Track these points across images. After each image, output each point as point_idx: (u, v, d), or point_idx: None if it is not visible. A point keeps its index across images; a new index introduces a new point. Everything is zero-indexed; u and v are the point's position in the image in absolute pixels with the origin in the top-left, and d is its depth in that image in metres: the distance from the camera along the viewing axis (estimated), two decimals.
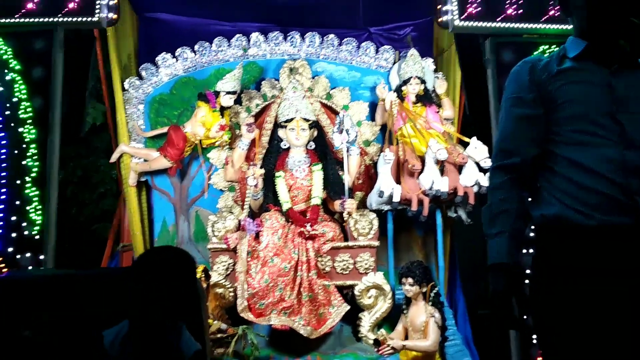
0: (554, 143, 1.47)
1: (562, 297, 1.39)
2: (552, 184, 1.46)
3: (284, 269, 3.22)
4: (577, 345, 1.35)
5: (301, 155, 3.63)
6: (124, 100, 3.84)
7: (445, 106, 3.77)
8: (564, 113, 1.45)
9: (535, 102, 1.49)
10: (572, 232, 1.40)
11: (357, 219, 3.42)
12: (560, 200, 1.42)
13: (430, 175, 3.40)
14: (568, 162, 1.44)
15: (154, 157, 3.75)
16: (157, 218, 3.85)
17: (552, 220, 1.43)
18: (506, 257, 1.44)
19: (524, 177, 1.50)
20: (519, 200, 1.49)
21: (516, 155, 1.50)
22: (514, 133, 1.51)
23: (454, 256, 3.79)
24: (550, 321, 1.40)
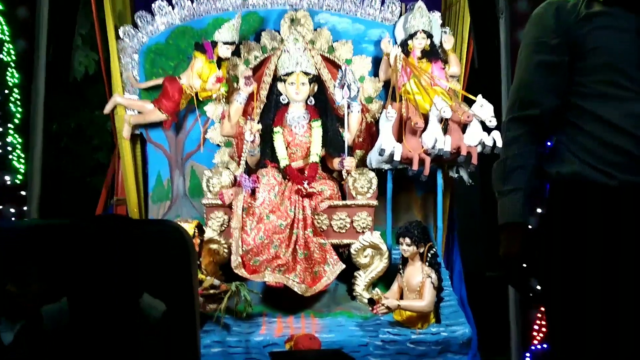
0: (577, 95, 1.37)
1: (578, 260, 1.32)
2: (572, 140, 1.37)
3: (279, 226, 3.21)
4: (593, 310, 1.28)
5: (301, 110, 3.57)
6: (119, 49, 3.74)
7: (452, 63, 3.67)
8: (590, 61, 1.35)
9: (559, 48, 1.38)
10: (590, 192, 1.32)
11: (356, 177, 3.39)
12: (579, 158, 1.35)
13: (433, 134, 3.35)
14: (591, 115, 1.34)
15: (148, 110, 3.69)
16: (151, 172, 3.81)
17: (569, 179, 1.35)
18: (521, 217, 1.38)
19: (542, 130, 1.41)
20: (536, 156, 1.41)
21: (535, 106, 1.40)
22: (534, 82, 1.41)
23: (452, 217, 3.78)
24: (564, 285, 1.33)
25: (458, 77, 3.72)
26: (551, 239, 1.39)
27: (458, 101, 3.50)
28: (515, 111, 1.44)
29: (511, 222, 1.39)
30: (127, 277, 1.53)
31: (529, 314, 3.21)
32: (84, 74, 4.31)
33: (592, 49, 1.35)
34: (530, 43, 1.43)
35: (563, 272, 1.35)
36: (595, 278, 1.30)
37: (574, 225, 1.35)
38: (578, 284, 1.33)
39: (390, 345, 3.04)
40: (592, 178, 1.32)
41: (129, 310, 1.51)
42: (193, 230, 3.09)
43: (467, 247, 3.83)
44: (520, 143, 1.41)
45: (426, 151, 3.36)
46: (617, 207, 1.30)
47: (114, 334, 1.49)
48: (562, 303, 1.34)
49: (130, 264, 1.54)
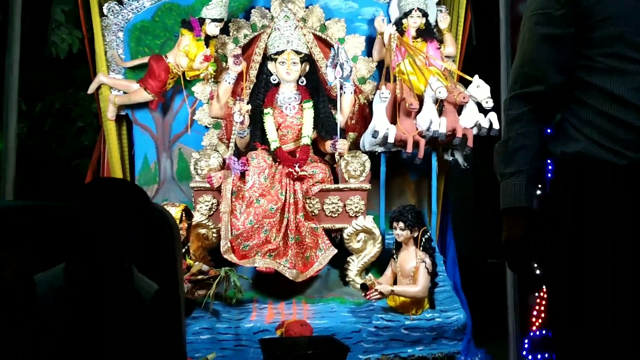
0: (584, 69, 1.30)
1: (584, 244, 1.26)
2: (579, 117, 1.30)
3: (270, 210, 3.17)
4: (599, 295, 1.22)
5: (292, 91, 3.51)
6: (103, 26, 3.65)
7: (447, 42, 3.62)
8: (598, 33, 1.27)
9: (565, 19, 1.31)
10: (597, 172, 1.25)
11: (348, 160, 3.34)
12: (586, 136, 1.28)
13: (428, 115, 3.30)
14: (599, 91, 1.27)
15: (134, 89, 3.61)
16: (138, 154, 3.75)
17: (574, 158, 1.29)
18: (524, 200, 1.33)
19: (546, 108, 1.34)
20: (540, 136, 1.34)
21: (540, 83, 1.34)
22: (538, 56, 1.34)
23: (447, 201, 3.76)
24: (570, 270, 1.27)
25: (454, 58, 3.67)
26: (556, 222, 1.33)
27: (454, 82, 3.45)
28: (518, 88, 1.37)
29: (513, 207, 1.34)
30: (108, 259, 1.47)
31: (527, 299, 3.19)
32: (68, 52, 4.21)
33: (601, 19, 1.27)
34: (533, 15, 1.35)
35: (568, 257, 1.30)
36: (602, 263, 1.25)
37: (580, 208, 1.29)
38: (584, 269, 1.28)
39: (383, 331, 3.03)
40: (599, 157, 1.26)
41: (120, 290, 1.47)
42: (180, 213, 3.04)
43: (461, 231, 3.81)
44: (523, 122, 1.35)
45: (421, 133, 3.32)
46: (626, 187, 1.24)
47: (105, 311, 1.45)
48: (567, 289, 1.29)
49: (112, 246, 1.49)
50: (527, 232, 1.32)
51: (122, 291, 1.49)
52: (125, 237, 1.48)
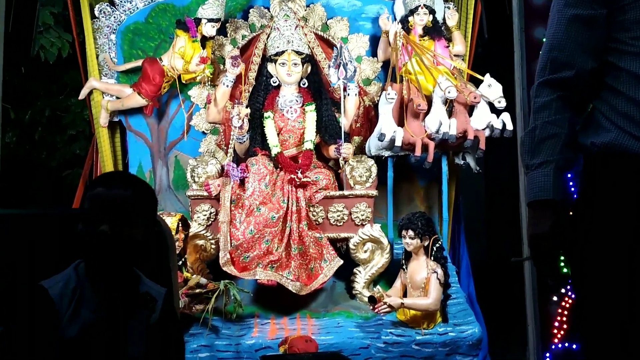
0: (617, 53, 1.26)
1: (617, 242, 1.21)
2: (610, 105, 1.26)
3: (271, 219, 3.13)
4: (635, 298, 1.17)
5: (293, 93, 3.48)
6: (94, 29, 3.63)
7: (456, 40, 3.59)
8: (631, 14, 1.23)
9: (596, 0, 1.27)
10: (630, 165, 1.21)
11: (353, 165, 3.30)
12: (618, 126, 1.24)
13: (437, 117, 3.26)
14: (630, 77, 1.23)
15: (127, 94, 3.59)
16: (132, 163, 3.73)
17: (605, 150, 1.25)
18: (552, 193, 1.29)
19: (576, 95, 1.30)
20: (569, 124, 1.30)
21: (569, 68, 1.30)
22: (568, 40, 1.30)
23: (458, 208, 3.72)
24: (602, 270, 1.22)
25: (463, 56, 3.63)
26: (586, 218, 1.29)
27: (464, 81, 3.42)
28: (547, 74, 1.34)
29: (540, 200, 1.30)
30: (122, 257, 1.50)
31: (548, 309, 3.12)
32: (57, 56, 4.18)
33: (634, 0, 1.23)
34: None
35: (600, 256, 1.25)
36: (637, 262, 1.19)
37: (612, 203, 1.25)
38: (618, 269, 1.22)
39: (393, 347, 2.97)
40: (632, 149, 1.22)
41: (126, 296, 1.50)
42: (176, 224, 3.01)
43: (474, 239, 3.81)
44: (551, 109, 1.32)
45: (430, 136, 3.29)
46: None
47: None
48: (599, 291, 1.23)
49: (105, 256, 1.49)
50: (553, 228, 1.29)
51: (135, 292, 1.51)
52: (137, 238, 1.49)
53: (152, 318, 1.51)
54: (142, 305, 1.50)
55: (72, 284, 1.49)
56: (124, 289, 1.50)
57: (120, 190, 1.49)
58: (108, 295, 1.48)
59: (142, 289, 1.53)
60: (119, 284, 1.50)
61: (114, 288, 1.49)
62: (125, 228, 1.46)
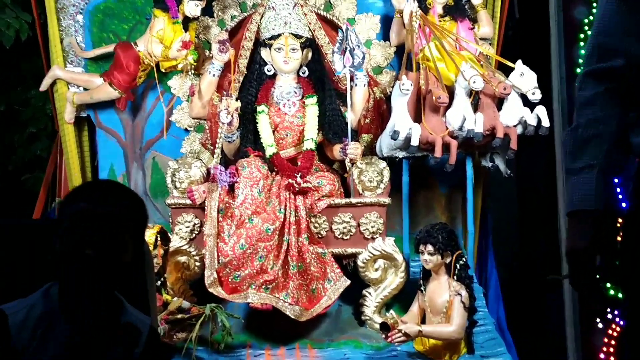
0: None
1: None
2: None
3: (266, 231, 3.14)
4: None
5: (291, 84, 3.50)
6: (58, 8, 3.67)
7: (482, 21, 3.59)
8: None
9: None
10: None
11: (362, 168, 3.31)
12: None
13: (460, 111, 3.27)
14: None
15: (97, 85, 3.61)
16: (103, 166, 3.76)
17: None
18: (595, 202, 1.31)
19: (627, 88, 1.30)
20: (618, 122, 1.31)
21: (619, 56, 1.31)
22: (618, 23, 1.31)
23: (486, 219, 3.73)
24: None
25: (491, 40, 3.65)
26: (637, 231, 1.30)
27: (491, 69, 3.42)
28: (593, 63, 1.35)
29: (581, 210, 1.31)
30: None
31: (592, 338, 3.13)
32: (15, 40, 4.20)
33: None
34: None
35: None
36: None
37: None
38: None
39: None
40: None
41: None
42: (154, 237, 3.02)
43: (504, 255, 3.80)
44: (596, 105, 1.32)
45: (452, 133, 3.29)
46: None
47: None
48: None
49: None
50: (594, 242, 1.30)
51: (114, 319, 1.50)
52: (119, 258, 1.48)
53: (134, 353, 1.49)
54: (123, 338, 1.49)
55: (38, 310, 1.47)
56: (103, 318, 1.48)
57: (109, 207, 1.47)
58: (84, 325, 1.46)
59: (125, 319, 1.51)
60: (98, 312, 1.48)
61: (92, 317, 1.47)
62: (113, 251, 1.45)
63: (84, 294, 1.47)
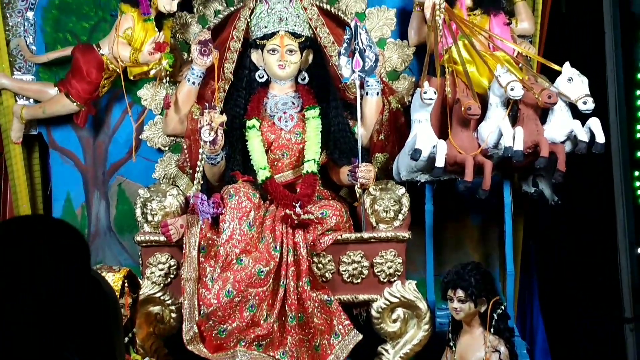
0: None
1: None
2: None
3: (258, 274, 3.15)
4: None
5: (288, 93, 3.56)
6: (4, 4, 3.74)
7: (521, 15, 3.66)
8: None
9: None
10: None
11: (376, 195, 3.34)
12: None
13: (495, 125, 3.30)
14: None
15: (50, 96, 3.68)
16: (57, 194, 3.81)
17: None
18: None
19: None
20: None
21: None
22: None
23: (530, 257, 3.76)
24: None
25: (532, 38, 3.69)
26: None
27: (533, 73, 3.46)
28: None
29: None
30: None
31: None
32: None
33: None
34: None
35: None
36: None
37: None
38: None
39: None
40: None
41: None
42: (121, 283, 3.00)
43: (553, 300, 3.80)
44: None
45: (485, 152, 3.32)
46: None
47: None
48: None
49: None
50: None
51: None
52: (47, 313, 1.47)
53: None
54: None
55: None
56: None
57: (25, 250, 1.48)
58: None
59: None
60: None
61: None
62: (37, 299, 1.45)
63: None
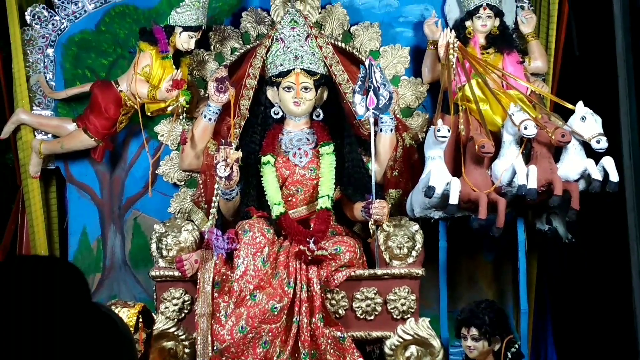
0: None
1: None
2: None
3: (271, 310, 3.15)
4: None
5: (303, 129, 3.59)
6: (25, 40, 3.78)
7: (534, 53, 3.68)
8: None
9: None
10: None
11: (390, 232, 3.35)
12: None
13: (509, 163, 3.31)
14: None
15: (68, 132, 3.70)
16: (74, 228, 3.82)
17: None
18: None
19: None
20: None
21: None
22: None
23: (544, 294, 3.74)
24: None
25: (545, 76, 3.71)
26: None
27: (546, 111, 3.48)
28: None
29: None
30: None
31: None
32: None
33: None
34: None
35: None
36: None
37: None
38: None
39: None
40: None
41: None
42: (136, 318, 3.00)
43: (565, 340, 3.75)
44: None
45: (499, 190, 3.33)
46: None
47: None
48: None
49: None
50: None
51: None
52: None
53: None
54: None
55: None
56: None
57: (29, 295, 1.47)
58: None
59: None
60: None
61: None
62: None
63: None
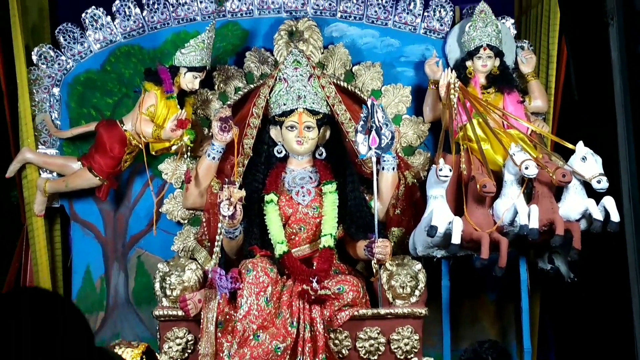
0: None
1: None
2: None
3: (275, 351, 3.15)
4: None
5: (305, 168, 3.60)
6: (30, 80, 3.81)
7: (534, 92, 3.71)
8: None
9: None
10: None
11: (393, 271, 3.35)
12: None
13: (510, 203, 3.32)
14: None
15: (73, 171, 3.72)
16: (77, 266, 3.82)
17: None
18: None
19: None
20: None
21: None
22: None
23: (547, 334, 3.73)
24: None
25: (545, 115, 3.74)
26: None
27: (547, 151, 3.50)
28: None
29: None
30: None
31: None
32: None
33: None
34: None
35: None
36: None
37: None
38: None
39: None
40: None
41: None
42: (139, 358, 3.04)
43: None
44: None
45: (501, 229, 3.33)
46: None
47: None
48: None
49: None
50: None
51: None
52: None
53: None
54: None
55: None
56: None
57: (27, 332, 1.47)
58: None
59: None
60: None
61: None
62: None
63: None
